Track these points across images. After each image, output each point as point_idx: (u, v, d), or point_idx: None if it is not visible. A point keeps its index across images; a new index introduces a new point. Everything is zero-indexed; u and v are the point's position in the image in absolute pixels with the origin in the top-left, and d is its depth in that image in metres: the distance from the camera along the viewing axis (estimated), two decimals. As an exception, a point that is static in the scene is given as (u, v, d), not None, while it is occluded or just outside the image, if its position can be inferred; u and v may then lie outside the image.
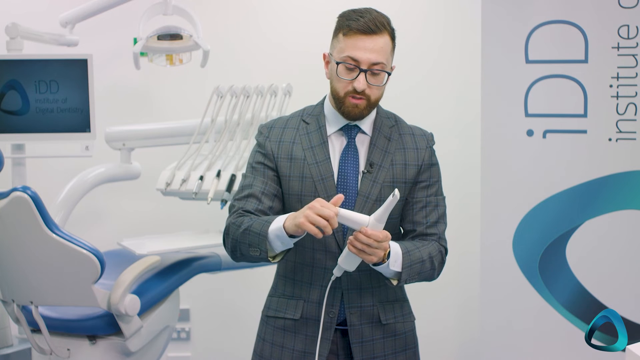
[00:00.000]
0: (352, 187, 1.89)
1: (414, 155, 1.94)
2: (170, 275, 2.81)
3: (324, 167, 1.89)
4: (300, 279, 1.93)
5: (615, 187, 2.80)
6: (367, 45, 1.81)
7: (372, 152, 1.91)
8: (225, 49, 3.53)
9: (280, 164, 1.92)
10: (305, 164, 1.90)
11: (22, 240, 2.40)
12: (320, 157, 1.90)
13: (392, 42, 1.87)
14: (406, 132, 1.97)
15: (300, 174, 1.90)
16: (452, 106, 3.56)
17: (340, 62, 1.83)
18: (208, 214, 3.28)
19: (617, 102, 2.78)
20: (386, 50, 1.84)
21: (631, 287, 2.80)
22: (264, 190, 1.90)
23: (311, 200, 1.78)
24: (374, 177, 1.89)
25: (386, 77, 1.86)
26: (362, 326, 1.92)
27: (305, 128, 1.94)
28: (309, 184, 1.89)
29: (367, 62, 1.82)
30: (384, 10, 1.89)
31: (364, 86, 1.83)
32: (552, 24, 2.83)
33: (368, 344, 1.93)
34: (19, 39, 3.19)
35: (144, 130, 3.29)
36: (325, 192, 1.87)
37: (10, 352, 3.10)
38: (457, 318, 3.61)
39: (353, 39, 1.82)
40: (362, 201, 1.88)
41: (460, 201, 3.37)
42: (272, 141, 1.94)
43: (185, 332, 3.73)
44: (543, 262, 2.89)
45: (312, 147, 1.91)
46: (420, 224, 1.94)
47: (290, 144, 1.93)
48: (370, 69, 1.82)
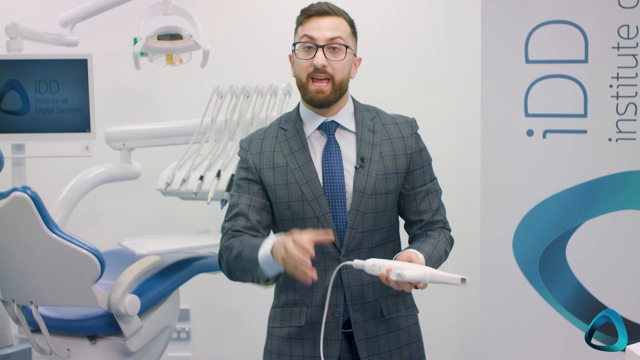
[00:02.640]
0: (339, 183, 1.88)
1: (401, 145, 1.93)
2: (170, 275, 2.81)
3: (307, 169, 1.88)
4: (301, 285, 1.89)
5: (615, 187, 2.80)
6: (321, 24, 1.86)
7: (361, 147, 1.90)
8: (225, 49, 3.53)
9: (263, 175, 1.90)
10: (288, 170, 1.89)
11: (22, 240, 2.40)
12: (301, 160, 1.89)
13: (350, 27, 1.90)
14: (389, 122, 1.96)
15: (285, 180, 1.88)
16: (452, 106, 3.56)
17: (297, 43, 1.89)
18: (208, 214, 3.28)
19: (617, 102, 2.78)
20: (342, 29, 1.87)
21: (631, 287, 2.80)
22: (250, 205, 1.89)
23: (299, 205, 1.82)
24: (367, 171, 1.88)
25: (347, 54, 1.87)
26: (365, 322, 1.91)
27: (284, 135, 1.93)
28: (294, 189, 1.87)
29: (322, 38, 1.85)
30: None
31: (323, 61, 1.84)
32: (552, 24, 2.83)
33: (372, 340, 1.92)
34: (19, 39, 3.20)
35: (144, 130, 3.30)
36: (312, 193, 1.86)
37: (10, 352, 3.10)
38: (457, 318, 3.61)
39: (308, 22, 1.88)
40: (358, 196, 1.87)
41: (460, 201, 3.37)
42: (252, 153, 1.93)
43: (185, 332, 3.73)
44: (543, 262, 2.89)
45: (293, 152, 1.90)
46: (426, 212, 1.96)
47: (271, 153, 1.92)
48: (328, 43, 1.85)
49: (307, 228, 1.83)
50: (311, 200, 1.86)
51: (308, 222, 1.86)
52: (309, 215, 1.86)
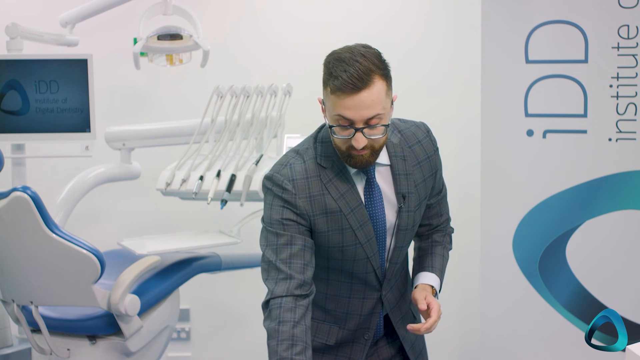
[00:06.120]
0: (381, 222, 1.84)
1: (428, 167, 1.90)
2: (170, 275, 2.82)
3: (360, 213, 1.80)
4: (333, 308, 1.90)
5: (615, 187, 2.80)
6: (357, 103, 1.66)
7: (399, 183, 1.84)
8: (225, 49, 3.53)
9: (316, 221, 1.79)
10: (342, 216, 1.79)
11: (22, 240, 2.40)
12: (353, 203, 1.80)
13: (385, 82, 1.69)
14: (413, 142, 1.89)
15: (339, 226, 1.80)
16: (452, 106, 3.55)
17: (333, 126, 1.71)
18: (208, 214, 3.28)
19: (617, 102, 2.78)
20: (380, 99, 1.68)
21: (631, 287, 2.80)
22: (305, 245, 1.77)
23: (352, 249, 1.81)
24: (407, 207, 1.85)
25: (385, 128, 1.73)
26: (407, 333, 1.95)
27: (326, 174, 1.79)
28: (349, 234, 1.80)
29: (360, 119, 1.68)
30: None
31: (364, 143, 1.70)
32: (552, 24, 2.83)
33: (415, 345, 2.00)
34: (19, 39, 3.19)
35: (144, 130, 3.30)
36: (365, 237, 1.82)
37: (10, 352, 3.10)
38: (457, 318, 3.61)
39: (341, 97, 1.67)
40: (402, 235, 1.87)
41: (460, 201, 3.37)
42: (301, 198, 1.77)
43: (185, 332, 3.73)
44: (543, 262, 2.89)
45: (342, 194, 1.79)
46: (435, 217, 2.01)
47: (320, 197, 1.78)
48: (367, 124, 1.69)
49: (355, 267, 1.85)
50: (364, 243, 1.83)
51: (357, 262, 1.85)
52: (360, 257, 1.84)
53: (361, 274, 1.86)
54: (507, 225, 2.93)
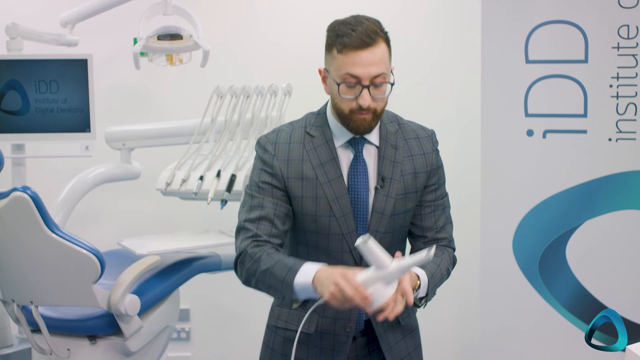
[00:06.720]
0: (363, 202, 1.84)
1: (422, 162, 1.90)
2: (170, 275, 2.81)
3: (337, 185, 1.82)
4: None
5: (615, 187, 2.80)
6: (364, 60, 1.73)
7: (382, 165, 1.85)
8: (225, 49, 3.53)
9: (290, 185, 1.83)
10: (318, 184, 1.82)
11: (22, 240, 2.40)
12: (331, 174, 1.83)
13: (387, 47, 1.78)
14: (411, 137, 1.91)
15: (314, 194, 1.82)
16: (452, 106, 3.56)
17: (340, 83, 1.76)
18: (208, 214, 3.28)
19: (617, 102, 2.78)
20: (384, 59, 1.76)
21: (631, 287, 2.80)
22: (275, 212, 1.81)
23: (326, 220, 1.78)
24: (387, 191, 1.84)
25: (389, 86, 1.79)
26: (386, 332, 1.91)
27: (311, 142, 1.85)
28: (323, 203, 1.82)
29: (367, 76, 1.74)
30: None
31: (369, 102, 1.75)
32: (552, 24, 2.83)
33: (395, 348, 1.93)
34: (19, 39, 3.20)
35: (144, 130, 3.30)
36: (340, 211, 1.82)
37: (10, 352, 3.10)
38: (457, 318, 3.61)
39: (349, 55, 1.74)
40: (378, 218, 1.84)
41: (460, 201, 3.35)
42: (279, 160, 1.84)
43: (185, 332, 3.73)
44: (543, 262, 2.89)
45: (322, 163, 1.83)
46: (430, 229, 1.93)
47: (299, 162, 1.83)
48: (372, 82, 1.75)
49: (330, 243, 1.83)
50: (339, 217, 1.82)
51: (332, 237, 1.84)
52: (334, 231, 1.83)
53: (337, 252, 1.84)
54: (507, 225, 2.93)
